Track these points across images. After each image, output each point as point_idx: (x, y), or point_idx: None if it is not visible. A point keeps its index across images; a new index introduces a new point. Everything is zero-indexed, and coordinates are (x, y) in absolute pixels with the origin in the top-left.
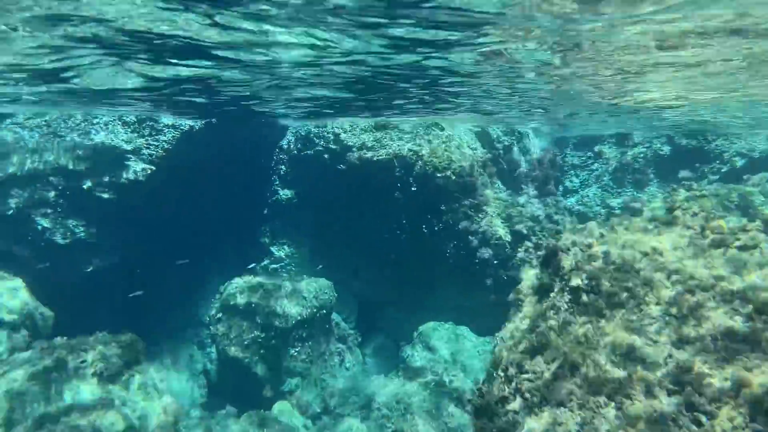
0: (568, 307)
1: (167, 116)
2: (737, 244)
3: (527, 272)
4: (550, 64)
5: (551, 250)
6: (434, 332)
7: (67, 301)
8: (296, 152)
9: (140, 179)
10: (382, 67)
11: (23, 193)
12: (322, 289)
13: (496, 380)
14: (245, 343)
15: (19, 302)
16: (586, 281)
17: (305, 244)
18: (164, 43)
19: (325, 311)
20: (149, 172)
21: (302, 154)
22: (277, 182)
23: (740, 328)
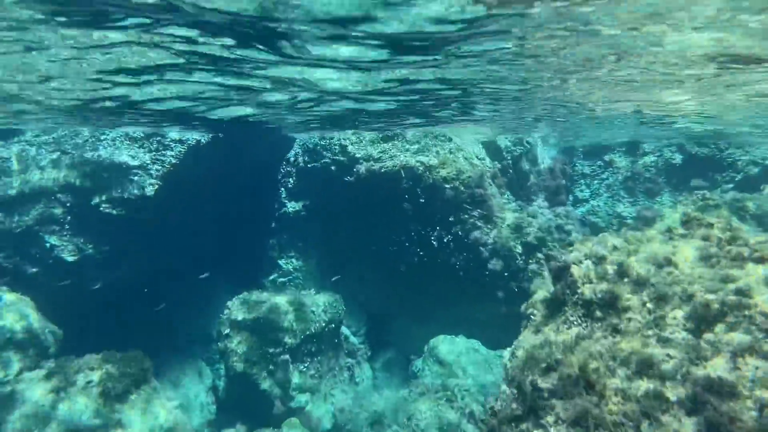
0: (581, 321)
1: (174, 131)
2: (755, 256)
3: (539, 285)
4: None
5: (563, 262)
6: (444, 345)
7: (75, 318)
8: (303, 164)
9: (148, 195)
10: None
11: (31, 210)
12: (330, 302)
13: (508, 398)
14: (253, 359)
15: (26, 321)
16: (599, 295)
17: (313, 257)
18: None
19: (333, 325)
20: (157, 187)
21: (309, 166)
22: (284, 195)
23: (761, 344)
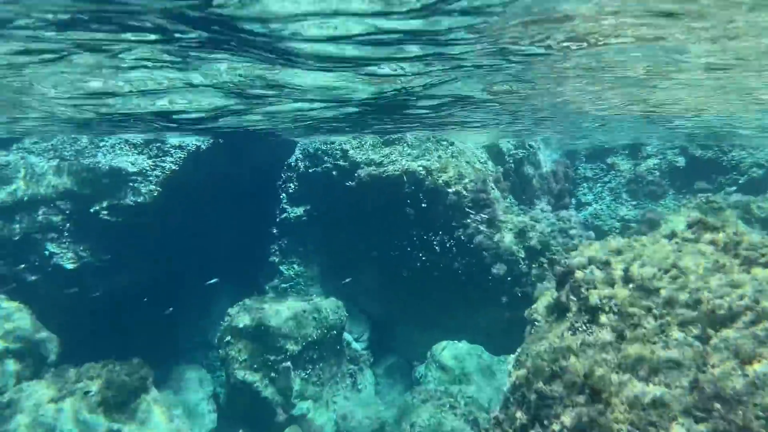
0: (586, 327)
1: (173, 136)
2: (763, 260)
3: (542, 290)
4: None
5: (567, 267)
6: (447, 351)
7: (74, 326)
8: (304, 169)
9: (147, 201)
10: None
11: (29, 217)
12: (332, 308)
13: (512, 406)
14: (254, 366)
15: (24, 330)
16: (604, 301)
17: (315, 262)
18: None
19: (336, 331)
20: (156, 193)
21: (310, 171)
22: (285, 200)
23: None
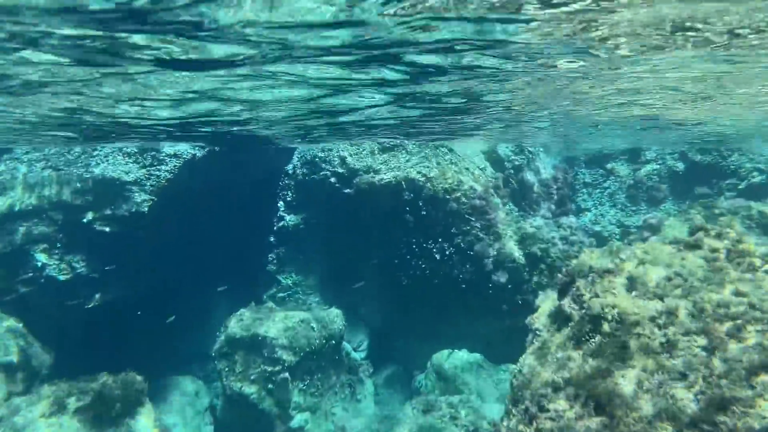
0: (589, 337)
1: (168, 145)
2: (766, 267)
3: (543, 299)
4: None
5: (569, 275)
6: (448, 360)
7: (68, 339)
8: (302, 177)
9: (142, 210)
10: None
11: (22, 229)
12: (331, 318)
13: (514, 419)
14: (252, 377)
15: (16, 343)
16: (607, 310)
17: (313, 271)
18: None
19: (334, 341)
20: (151, 203)
21: (308, 178)
22: (282, 208)
23: None
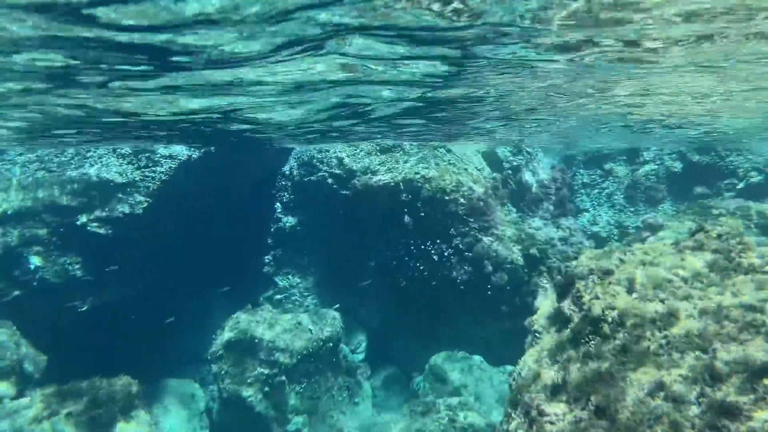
0: (589, 339)
1: (163, 146)
2: (767, 268)
3: (543, 300)
4: None
5: (568, 277)
6: (446, 363)
7: (61, 342)
8: (299, 178)
9: (137, 212)
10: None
11: (14, 231)
12: (328, 320)
13: (514, 422)
14: (248, 380)
15: (9, 347)
16: (607, 311)
17: (311, 273)
18: None
19: (331, 344)
20: (146, 204)
21: (305, 179)
22: (280, 209)
23: None
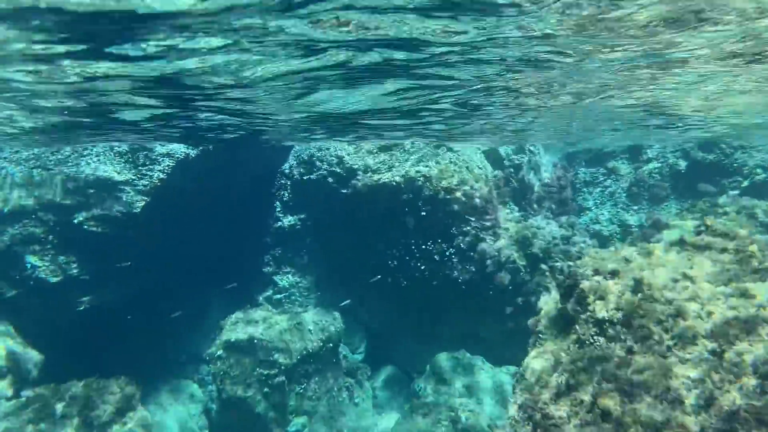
0: (593, 340)
1: (160, 144)
2: None
3: (546, 301)
4: None
5: (572, 277)
6: (447, 363)
7: (59, 342)
8: (298, 176)
9: (134, 211)
10: None
11: (10, 230)
12: (328, 320)
13: (517, 425)
14: (247, 381)
15: (4, 347)
16: (612, 312)
17: (310, 272)
18: None
19: (331, 344)
20: (144, 203)
21: (305, 178)
22: (279, 208)
23: None
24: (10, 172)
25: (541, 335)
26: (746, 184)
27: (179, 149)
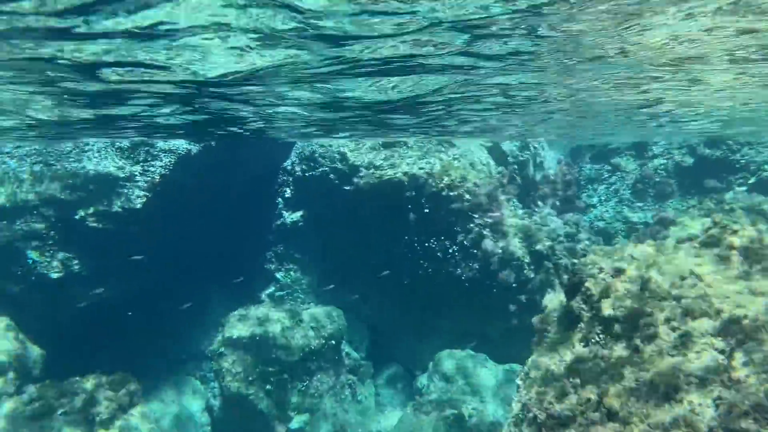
0: (599, 339)
1: (162, 140)
2: None
3: (551, 298)
4: None
5: (578, 275)
6: (450, 360)
7: (60, 338)
8: (301, 173)
9: (136, 207)
10: None
11: (12, 225)
12: (331, 317)
13: (522, 423)
14: (250, 378)
15: (6, 342)
16: (619, 310)
17: (313, 269)
18: None
19: (334, 341)
20: (145, 199)
21: (307, 175)
22: (281, 205)
23: None
24: (11, 167)
25: (545, 333)
26: (753, 180)
27: (181, 145)
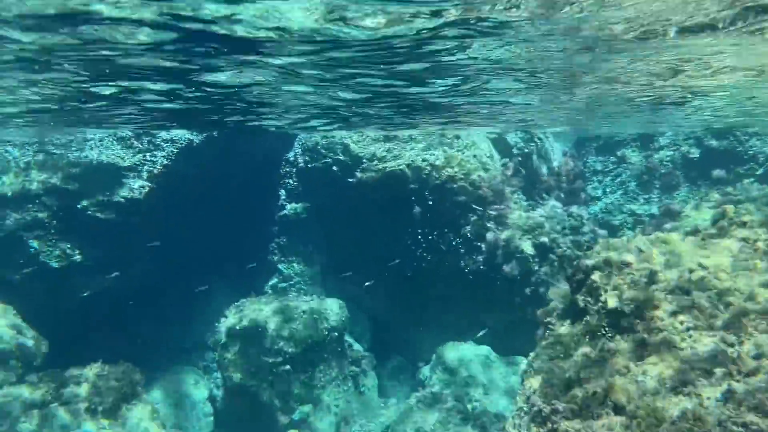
0: (605, 332)
1: (164, 130)
2: None
3: (556, 291)
4: None
5: (583, 267)
6: (453, 352)
7: (62, 327)
8: (303, 165)
9: (138, 197)
10: None
11: (14, 214)
12: (333, 309)
13: (526, 417)
14: (252, 369)
15: (9, 331)
16: (625, 303)
17: (315, 261)
18: None
19: (337, 333)
20: (147, 189)
21: (310, 166)
22: (284, 196)
23: None
24: (13, 156)
25: (550, 326)
26: (761, 171)
27: (183, 135)
